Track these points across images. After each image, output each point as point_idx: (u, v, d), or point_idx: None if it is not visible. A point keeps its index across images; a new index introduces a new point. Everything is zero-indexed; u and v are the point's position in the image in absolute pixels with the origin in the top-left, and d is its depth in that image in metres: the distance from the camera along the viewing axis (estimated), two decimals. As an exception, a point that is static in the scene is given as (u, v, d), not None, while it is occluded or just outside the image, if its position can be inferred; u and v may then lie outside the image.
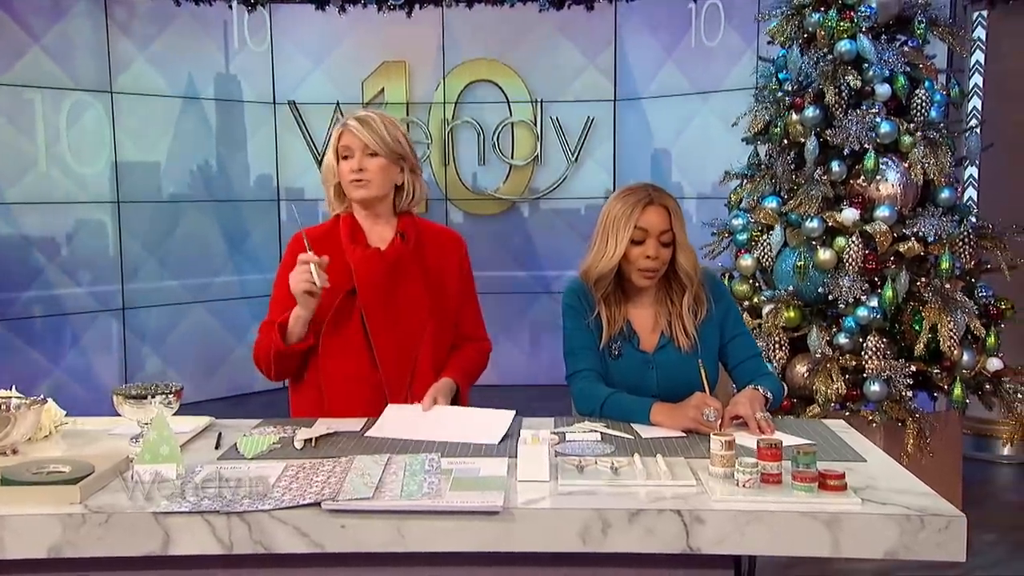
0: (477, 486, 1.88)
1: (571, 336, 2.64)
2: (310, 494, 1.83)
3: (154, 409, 2.17)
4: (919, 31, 4.40)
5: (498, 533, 1.77)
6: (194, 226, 6.84)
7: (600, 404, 2.48)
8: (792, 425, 2.40)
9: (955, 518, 1.70)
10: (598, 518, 1.76)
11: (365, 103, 7.04)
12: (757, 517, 1.74)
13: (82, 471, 1.91)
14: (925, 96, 4.31)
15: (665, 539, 1.76)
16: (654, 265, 2.54)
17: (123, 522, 1.77)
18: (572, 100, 6.98)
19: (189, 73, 6.75)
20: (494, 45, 7.01)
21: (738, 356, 2.66)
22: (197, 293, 6.87)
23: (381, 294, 2.56)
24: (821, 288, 4.29)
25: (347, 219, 2.65)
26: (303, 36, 7.05)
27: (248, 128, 7.06)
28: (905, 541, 1.71)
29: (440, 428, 2.31)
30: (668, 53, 6.76)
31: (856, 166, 4.32)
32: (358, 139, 2.55)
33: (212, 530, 1.77)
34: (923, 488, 1.86)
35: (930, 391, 4.42)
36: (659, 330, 2.63)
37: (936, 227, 4.24)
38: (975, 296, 4.34)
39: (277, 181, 7.17)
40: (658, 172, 6.87)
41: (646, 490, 1.87)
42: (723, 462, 1.89)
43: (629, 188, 2.60)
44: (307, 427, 2.35)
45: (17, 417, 2.09)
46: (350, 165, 2.57)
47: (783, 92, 4.52)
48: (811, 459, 1.86)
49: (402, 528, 1.77)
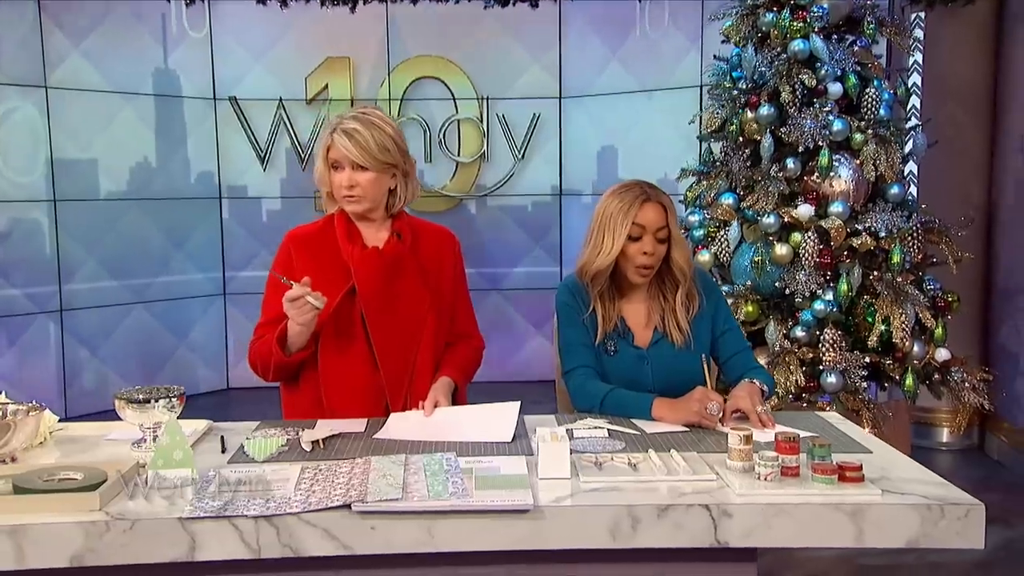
0: (502, 485, 1.89)
1: (566, 333, 2.67)
2: (336, 496, 1.82)
3: (157, 413, 2.14)
4: (869, 31, 4.53)
5: (528, 531, 1.78)
6: (134, 225, 6.66)
7: (600, 400, 2.50)
8: (789, 418, 2.45)
9: (974, 506, 1.77)
10: (627, 514, 1.79)
11: (309, 99, 6.95)
12: (783, 510, 1.78)
13: (96, 478, 1.86)
14: (875, 94, 4.43)
15: (693, 533, 1.79)
16: (651, 261, 2.57)
17: (148, 528, 1.74)
18: (518, 97, 7.00)
19: (127, 68, 6.58)
20: (440, 42, 6.98)
21: (729, 350, 2.71)
22: (138, 293, 6.71)
23: (381, 293, 2.55)
24: (778, 283, 4.38)
25: (342, 218, 2.62)
26: (244, 30, 6.92)
27: (188, 124, 6.90)
28: (926, 530, 1.77)
29: (450, 429, 2.31)
30: (613, 51, 6.81)
31: (810, 163, 4.43)
32: (346, 155, 2.51)
33: (240, 534, 1.75)
34: (935, 478, 1.93)
35: (881, 382, 4.55)
36: (652, 326, 2.66)
37: (887, 222, 4.36)
38: (923, 289, 4.48)
39: (219, 178, 7.03)
40: (605, 169, 6.93)
41: (667, 485, 1.90)
42: (741, 456, 1.93)
43: (624, 186, 2.63)
44: (309, 428, 2.33)
45: (17, 424, 2.04)
46: (341, 179, 2.54)
47: (738, 90, 4.61)
48: (827, 451, 1.91)
49: (432, 528, 1.77)
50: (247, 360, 2.62)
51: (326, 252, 2.57)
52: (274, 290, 2.58)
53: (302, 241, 2.62)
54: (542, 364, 6.99)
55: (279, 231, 6.82)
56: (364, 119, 2.54)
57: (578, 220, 7.09)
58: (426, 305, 2.60)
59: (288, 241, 2.64)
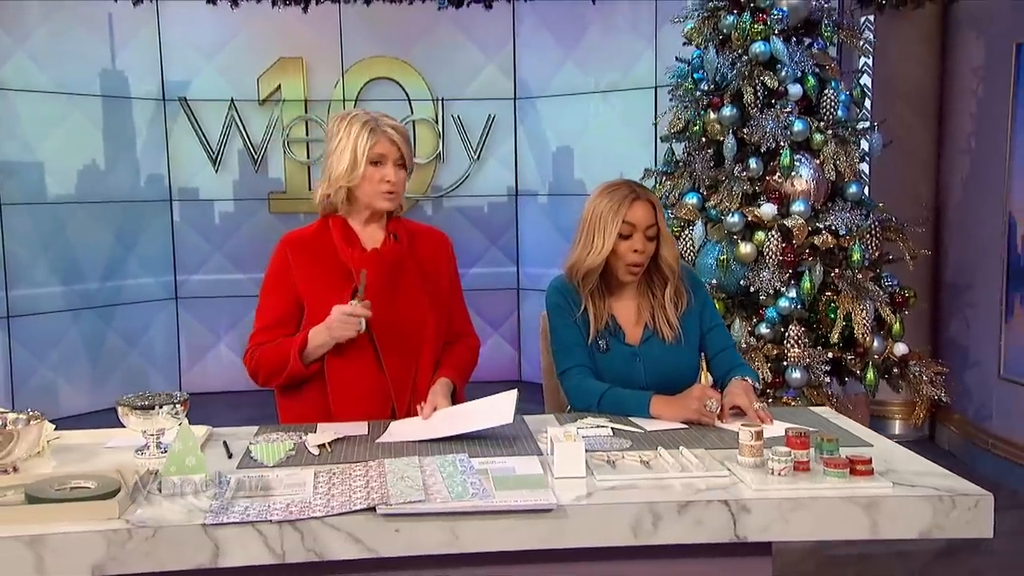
0: (521, 484, 1.90)
1: (559, 333, 2.69)
2: (358, 499, 1.81)
3: (161, 419, 2.11)
4: (827, 34, 4.63)
5: (551, 530, 1.80)
6: (82, 229, 6.51)
7: (598, 399, 2.53)
8: (783, 413, 2.50)
9: (983, 497, 1.83)
10: (648, 511, 1.81)
11: (261, 100, 6.87)
12: (800, 504, 1.83)
13: (110, 486, 1.84)
14: (833, 96, 4.53)
15: (713, 529, 1.82)
16: (641, 259, 2.61)
17: (171, 536, 1.72)
18: (473, 98, 7.00)
19: (73, 68, 6.43)
20: (394, 43, 6.95)
21: (715, 347, 2.75)
22: (87, 299, 6.55)
23: (384, 294, 2.55)
24: (743, 280, 4.46)
25: (338, 221, 2.61)
26: (193, 30, 6.81)
27: (137, 126, 6.77)
28: (938, 520, 1.82)
29: (451, 424, 2.32)
30: (567, 52, 6.84)
31: (772, 163, 4.51)
32: (396, 149, 2.52)
33: (264, 540, 1.74)
34: (940, 469, 1.99)
35: (841, 377, 4.65)
36: (642, 323, 2.70)
37: (846, 220, 4.45)
38: (882, 285, 4.59)
39: (169, 181, 6.92)
40: (561, 169, 6.96)
41: (682, 482, 1.93)
42: (752, 452, 1.97)
43: (612, 185, 2.66)
44: (311, 432, 2.32)
45: (20, 433, 1.99)
46: (385, 174, 2.53)
47: (700, 92, 4.67)
48: (835, 446, 1.96)
49: (456, 529, 1.78)
50: (248, 368, 2.58)
51: (324, 255, 2.56)
52: (271, 295, 2.57)
53: (299, 245, 2.60)
54: (500, 365, 7.03)
55: (232, 234, 6.91)
56: (394, 120, 2.59)
57: (534, 221, 7.12)
58: (426, 306, 2.62)
59: (285, 245, 2.62)
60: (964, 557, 3.98)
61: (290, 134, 6.93)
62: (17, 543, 1.68)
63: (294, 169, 6.97)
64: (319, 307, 2.52)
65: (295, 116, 6.93)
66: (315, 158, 6.94)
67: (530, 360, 7.13)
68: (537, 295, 6.71)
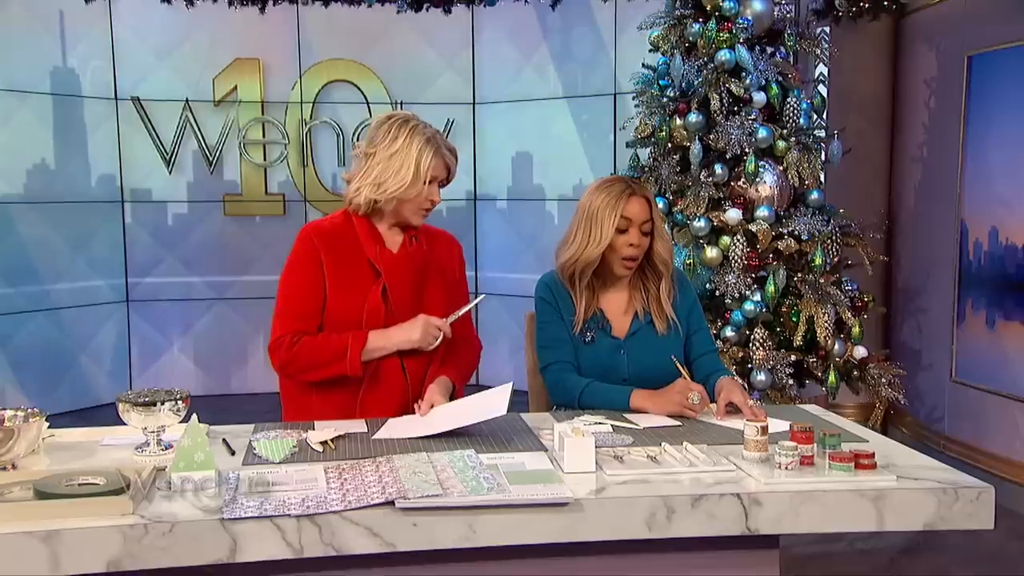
0: (535, 479, 1.91)
1: (544, 329, 2.72)
2: (374, 494, 1.81)
3: (163, 416, 2.09)
4: (789, 43, 4.73)
5: (567, 524, 1.82)
6: (31, 229, 6.35)
7: (578, 394, 2.57)
8: (773, 411, 2.55)
9: (985, 489, 1.88)
10: (663, 505, 1.83)
11: (216, 101, 6.78)
12: (810, 497, 1.86)
13: (119, 482, 1.81)
14: (795, 104, 4.63)
15: (726, 522, 1.85)
16: (636, 253, 2.65)
17: (188, 531, 1.70)
18: (432, 102, 6.97)
19: (22, 66, 6.29)
20: (352, 45, 6.91)
21: (698, 350, 2.80)
22: (36, 301, 6.40)
23: (410, 293, 2.60)
24: (708, 284, 4.53)
25: (363, 219, 2.62)
26: (147, 29, 6.70)
27: (88, 125, 6.64)
28: (941, 513, 1.87)
29: (447, 419, 2.33)
30: (527, 58, 6.88)
31: (737, 169, 4.59)
32: (447, 173, 2.61)
33: (282, 534, 1.73)
34: (938, 464, 2.04)
35: (802, 379, 4.74)
36: (630, 317, 2.73)
37: (808, 226, 4.55)
38: (843, 289, 4.69)
39: (121, 181, 6.79)
40: (520, 174, 6.98)
41: (691, 476, 1.96)
42: (758, 447, 2.01)
43: (608, 181, 2.70)
44: (311, 429, 2.31)
45: (20, 430, 1.95)
46: (432, 193, 2.57)
47: (667, 98, 4.73)
48: (837, 440, 2.01)
49: (474, 524, 1.79)
50: (279, 358, 2.55)
51: (351, 250, 2.59)
52: (301, 284, 2.57)
53: (326, 236, 2.60)
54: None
55: (186, 235, 6.82)
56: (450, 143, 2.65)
57: (492, 225, 7.13)
58: (443, 306, 2.65)
59: (312, 233, 2.61)
60: (925, 554, 4.07)
61: (246, 136, 6.85)
62: (31, 539, 1.65)
63: (250, 171, 6.88)
64: (340, 301, 2.54)
65: (251, 118, 6.84)
66: (271, 160, 6.87)
67: (491, 364, 7.11)
68: (496, 299, 6.71)
